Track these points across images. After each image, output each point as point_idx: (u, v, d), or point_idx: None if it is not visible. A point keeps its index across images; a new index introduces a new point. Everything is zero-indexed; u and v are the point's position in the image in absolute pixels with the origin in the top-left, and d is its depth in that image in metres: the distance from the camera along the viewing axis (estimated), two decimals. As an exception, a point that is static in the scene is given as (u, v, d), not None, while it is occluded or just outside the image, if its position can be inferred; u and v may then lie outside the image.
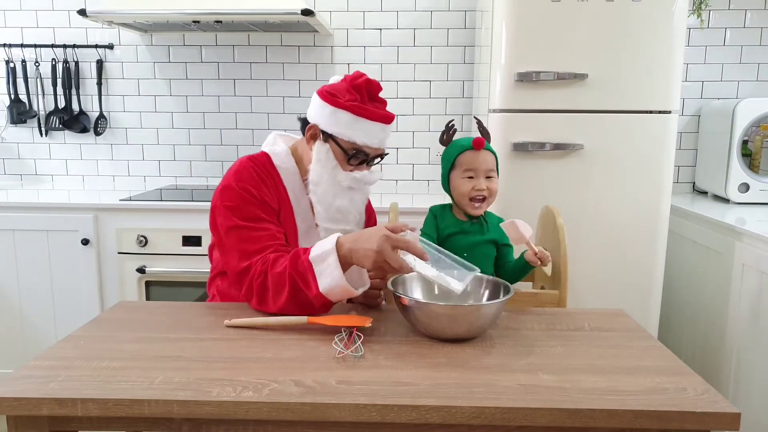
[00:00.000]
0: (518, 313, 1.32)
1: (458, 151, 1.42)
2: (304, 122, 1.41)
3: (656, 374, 1.00)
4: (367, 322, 1.15)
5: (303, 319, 1.18)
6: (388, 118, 1.36)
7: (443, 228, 1.45)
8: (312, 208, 1.41)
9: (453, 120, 1.52)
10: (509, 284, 1.22)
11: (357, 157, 1.36)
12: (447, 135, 1.47)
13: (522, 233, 1.33)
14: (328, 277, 1.18)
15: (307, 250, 1.22)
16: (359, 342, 1.09)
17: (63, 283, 2.34)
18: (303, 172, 1.41)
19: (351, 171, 1.37)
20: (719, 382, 1.99)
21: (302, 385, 0.94)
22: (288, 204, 1.40)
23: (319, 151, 1.36)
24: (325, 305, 1.22)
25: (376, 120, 1.34)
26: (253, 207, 1.31)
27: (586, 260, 2.07)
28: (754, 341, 1.82)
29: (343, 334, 1.12)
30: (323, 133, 1.35)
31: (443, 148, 1.48)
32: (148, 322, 1.20)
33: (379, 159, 1.42)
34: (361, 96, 1.34)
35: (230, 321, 1.21)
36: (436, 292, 1.27)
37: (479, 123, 1.50)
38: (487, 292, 1.27)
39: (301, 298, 1.21)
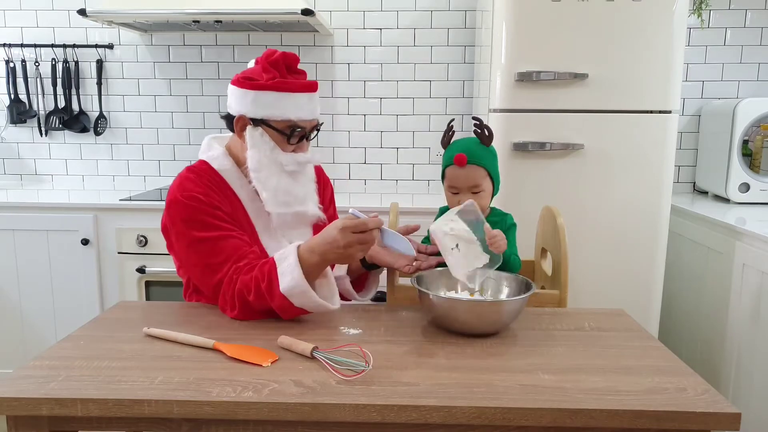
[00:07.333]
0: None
1: (446, 163, 1.39)
2: (229, 117, 1.35)
3: (656, 374, 1.00)
4: (269, 359, 1.03)
5: (209, 342, 1.09)
6: (312, 87, 1.32)
7: None
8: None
9: (453, 120, 1.47)
10: (530, 281, 1.23)
11: (295, 134, 1.32)
12: (446, 136, 1.42)
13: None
14: (288, 276, 1.17)
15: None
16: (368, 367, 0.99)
17: (63, 283, 2.34)
18: (243, 169, 1.35)
19: (293, 152, 1.33)
20: (719, 382, 1.99)
21: (302, 386, 0.94)
22: (240, 206, 1.36)
23: (253, 136, 1.30)
24: (286, 310, 1.20)
25: (301, 91, 1.29)
26: (205, 215, 1.27)
27: (586, 260, 2.07)
28: (754, 341, 1.81)
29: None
30: (253, 120, 1.30)
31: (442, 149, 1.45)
32: (148, 322, 1.20)
33: (315, 132, 1.38)
34: (280, 71, 1.30)
35: (148, 329, 1.15)
36: (459, 288, 1.29)
37: (477, 124, 1.37)
38: (507, 289, 1.28)
39: (265, 302, 1.20)
